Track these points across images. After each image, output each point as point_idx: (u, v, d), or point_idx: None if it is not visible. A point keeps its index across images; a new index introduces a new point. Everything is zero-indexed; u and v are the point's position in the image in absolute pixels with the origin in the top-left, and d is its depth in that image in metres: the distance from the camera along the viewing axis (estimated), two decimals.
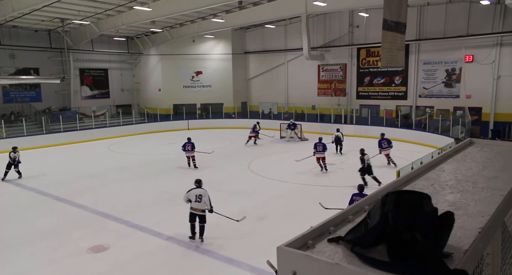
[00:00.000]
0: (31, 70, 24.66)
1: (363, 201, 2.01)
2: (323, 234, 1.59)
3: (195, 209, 8.14)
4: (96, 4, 19.62)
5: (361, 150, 12.53)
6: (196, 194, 8.12)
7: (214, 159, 17.28)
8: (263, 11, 22.35)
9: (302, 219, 9.35)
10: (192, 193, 8.17)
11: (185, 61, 29.14)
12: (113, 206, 10.81)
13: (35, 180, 13.91)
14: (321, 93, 27.10)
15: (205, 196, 8.15)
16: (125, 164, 16.75)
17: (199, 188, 8.25)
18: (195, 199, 8.10)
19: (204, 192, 8.17)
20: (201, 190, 8.20)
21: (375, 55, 23.82)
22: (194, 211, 8.16)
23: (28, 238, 8.72)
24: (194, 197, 8.11)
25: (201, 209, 8.12)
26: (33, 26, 23.54)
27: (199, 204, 8.10)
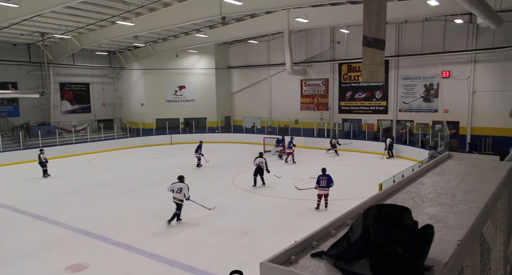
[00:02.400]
0: (9, 84, 24.06)
1: (345, 215, 2.03)
2: (306, 249, 1.59)
3: (176, 198, 10.21)
4: (77, 18, 19.48)
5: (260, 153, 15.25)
6: (178, 187, 10.20)
7: (198, 173, 17.12)
8: (246, 26, 22.67)
9: (286, 234, 9.31)
10: (176, 185, 10.23)
11: (168, 76, 29.09)
12: (93, 223, 10.52)
13: (11, 197, 13.44)
14: (304, 107, 27.40)
15: (185, 188, 10.19)
16: (106, 179, 16.40)
17: (181, 182, 10.29)
18: (177, 190, 10.17)
19: (184, 186, 10.22)
20: (182, 184, 10.25)
21: (356, 71, 24.35)
22: (174, 199, 10.24)
23: (3, 258, 8.36)
24: (176, 189, 10.18)
25: (179, 198, 10.16)
26: (12, 40, 23.13)
27: (179, 194, 10.15)
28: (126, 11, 18.35)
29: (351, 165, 18.68)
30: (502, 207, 2.55)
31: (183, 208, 10.41)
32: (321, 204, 11.32)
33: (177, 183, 10.28)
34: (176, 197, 10.21)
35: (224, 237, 9.31)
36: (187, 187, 10.26)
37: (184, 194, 10.15)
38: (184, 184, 10.29)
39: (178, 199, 10.19)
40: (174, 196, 10.23)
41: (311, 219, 10.49)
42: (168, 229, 10.07)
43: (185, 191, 10.16)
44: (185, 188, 10.20)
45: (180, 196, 10.15)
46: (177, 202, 10.21)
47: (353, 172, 17.18)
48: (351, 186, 14.31)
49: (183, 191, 10.14)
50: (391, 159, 20.17)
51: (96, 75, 29.14)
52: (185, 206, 12.06)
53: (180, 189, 10.14)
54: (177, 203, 10.22)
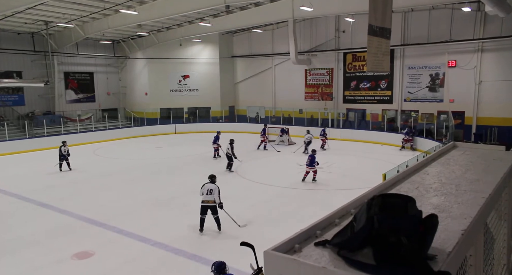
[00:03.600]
0: (14, 73, 24.13)
1: (349, 205, 2.03)
2: (310, 238, 1.60)
3: (206, 201, 8.83)
4: (81, 7, 19.38)
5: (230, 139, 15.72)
6: (208, 188, 8.88)
7: (202, 163, 17.18)
8: (250, 15, 22.43)
9: (289, 222, 9.37)
10: (205, 187, 8.93)
11: (172, 65, 29.00)
12: (98, 211, 10.63)
13: (17, 186, 13.59)
14: (308, 97, 27.28)
15: (215, 190, 8.85)
16: (110, 168, 16.51)
17: (212, 183, 9.01)
18: (207, 192, 8.83)
19: (215, 187, 8.89)
20: (212, 185, 8.93)
21: (361, 60, 24.12)
22: (205, 203, 8.86)
23: (10, 246, 8.50)
24: (206, 191, 8.85)
25: (210, 200, 8.79)
26: (16, 29, 23.09)
27: (209, 196, 8.79)
28: (129, 0, 18.21)
29: (354, 155, 18.66)
30: (507, 197, 2.54)
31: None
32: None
33: (207, 184, 9.01)
34: (206, 199, 8.85)
35: (229, 226, 9.38)
36: (217, 189, 8.91)
37: (215, 196, 8.83)
38: (214, 184, 8.98)
39: (210, 201, 8.84)
40: (203, 199, 8.88)
41: (315, 208, 10.54)
42: (171, 218, 10.16)
43: (216, 194, 8.84)
44: (215, 190, 8.87)
45: (211, 198, 8.82)
46: (210, 204, 8.85)
47: (357, 162, 17.17)
48: (355, 176, 14.32)
49: (214, 193, 8.83)
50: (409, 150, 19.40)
51: (100, 64, 29.10)
52: (190, 194, 12.16)
53: (211, 190, 8.83)
54: (210, 206, 8.86)
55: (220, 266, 5.20)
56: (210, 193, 8.82)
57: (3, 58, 23.54)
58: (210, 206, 8.86)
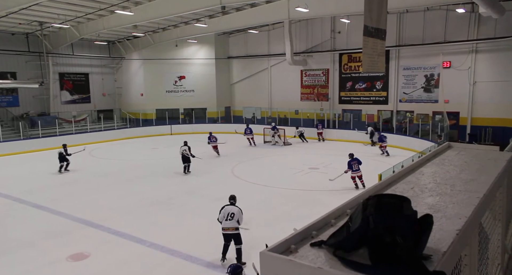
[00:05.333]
0: (8, 74, 23.96)
1: (345, 205, 2.03)
2: (306, 238, 1.60)
3: (227, 228, 7.39)
4: (76, 7, 19.29)
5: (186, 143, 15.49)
6: (229, 212, 7.41)
7: (197, 164, 17.15)
8: (246, 16, 22.45)
9: (285, 223, 9.36)
10: (226, 210, 7.46)
11: (168, 66, 28.94)
12: (93, 212, 10.58)
13: (12, 187, 13.49)
14: (304, 98, 27.33)
15: (238, 214, 7.41)
16: (106, 169, 16.44)
17: (232, 205, 7.55)
18: (227, 217, 7.37)
19: (237, 211, 7.45)
20: (234, 208, 7.48)
21: (357, 61, 24.21)
22: (225, 231, 7.39)
23: (4, 247, 8.43)
24: (226, 215, 7.39)
25: (233, 227, 7.38)
26: (10, 29, 22.92)
27: (230, 222, 7.35)
28: (125, 0, 18.17)
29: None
30: (501, 197, 2.56)
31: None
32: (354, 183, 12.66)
33: (227, 206, 7.52)
34: (226, 226, 7.37)
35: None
36: (240, 212, 7.48)
37: (238, 220, 7.42)
38: (236, 207, 7.52)
39: (229, 228, 7.38)
40: (223, 226, 7.40)
41: (311, 208, 10.55)
42: (168, 218, 10.13)
43: (240, 217, 7.43)
44: (238, 214, 7.42)
45: (231, 224, 7.35)
46: (230, 232, 7.40)
47: None
48: (350, 177, 14.33)
49: (236, 217, 7.38)
50: (374, 146, 20.40)
51: (96, 65, 28.98)
52: (186, 195, 12.14)
53: (232, 214, 7.38)
54: (231, 234, 7.42)
55: (236, 269, 5.03)
56: (231, 218, 7.34)
57: None
58: (233, 234, 7.38)
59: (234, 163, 17.16)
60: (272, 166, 16.98)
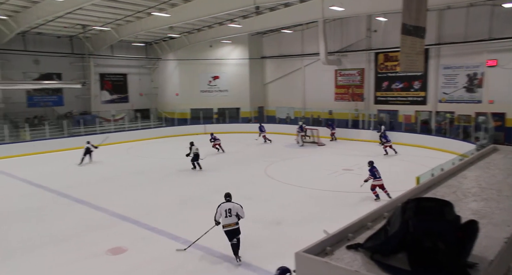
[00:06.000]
0: (54, 75, 25.35)
1: (381, 208, 1.98)
2: (342, 241, 1.57)
3: (227, 225, 7.47)
4: (116, 10, 20.06)
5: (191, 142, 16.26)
6: (225, 208, 7.51)
7: (230, 164, 17.32)
8: (280, 16, 22.40)
9: (318, 224, 9.25)
10: (222, 207, 7.54)
11: (202, 66, 29.43)
12: (131, 208, 10.94)
13: (56, 182, 14.23)
14: (338, 98, 26.90)
15: (237, 209, 7.51)
16: (142, 167, 16.95)
17: (229, 202, 7.64)
18: (225, 214, 7.44)
19: (233, 205, 7.56)
20: (230, 204, 7.59)
21: (394, 60, 23.51)
22: (227, 227, 7.48)
23: (49, 239, 8.90)
24: (224, 212, 7.47)
25: (233, 222, 7.47)
26: (56, 33, 24.23)
27: (230, 218, 7.45)
28: (162, 3, 18.66)
29: (385, 157, 18.21)
30: None
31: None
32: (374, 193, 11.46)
33: (223, 204, 7.59)
34: (226, 223, 7.47)
35: (257, 226, 9.40)
36: (240, 207, 7.59)
37: (239, 215, 7.51)
38: (232, 203, 7.62)
39: (230, 224, 7.47)
40: (224, 223, 7.47)
41: (343, 210, 10.37)
42: (201, 217, 10.26)
43: (240, 211, 7.51)
44: (238, 209, 7.52)
45: (232, 220, 7.45)
46: (232, 228, 7.46)
47: (388, 164, 16.73)
48: (386, 179, 13.93)
49: (235, 212, 7.46)
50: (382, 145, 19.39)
51: (133, 66, 30.00)
52: (218, 193, 12.30)
53: (229, 210, 7.45)
54: (232, 230, 7.47)
55: (285, 273, 5.02)
56: (230, 215, 7.44)
57: (45, 61, 24.76)
58: (235, 229, 7.47)
59: (267, 163, 17.18)
60: (306, 166, 16.85)
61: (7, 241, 8.91)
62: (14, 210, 11.16)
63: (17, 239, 8.96)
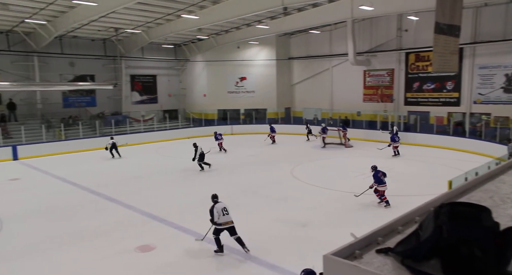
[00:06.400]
0: (88, 77, 26.32)
1: (413, 212, 1.92)
2: (371, 244, 1.54)
3: (226, 223, 7.93)
4: (147, 13, 20.59)
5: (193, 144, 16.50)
6: (221, 207, 8.00)
7: (256, 164, 17.35)
8: (308, 16, 22.25)
9: (344, 227, 9.12)
10: (217, 208, 8.00)
11: (229, 67, 29.69)
12: (159, 207, 11.17)
13: (88, 180, 14.75)
14: (366, 99, 26.41)
15: (228, 208, 8.08)
16: (171, 167, 17.27)
17: (220, 202, 8.16)
18: (223, 212, 7.94)
19: (226, 205, 8.13)
20: (222, 203, 8.13)
21: (425, 60, 22.84)
22: (224, 225, 7.92)
23: (80, 235, 9.22)
24: (222, 211, 7.94)
25: (231, 220, 7.99)
26: (90, 36, 25.15)
27: (228, 216, 7.98)
28: (191, 5, 18.98)
29: (415, 160, 17.71)
30: None
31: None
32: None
33: (217, 205, 8.09)
34: (225, 221, 7.95)
35: (283, 228, 9.37)
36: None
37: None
38: (223, 202, 8.26)
39: (230, 222, 7.99)
40: (223, 221, 7.92)
41: (370, 214, 10.17)
42: None
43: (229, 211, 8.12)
44: (227, 207, 8.16)
45: (230, 218, 8.02)
46: (230, 225, 7.99)
47: (418, 167, 16.28)
48: (416, 182, 13.59)
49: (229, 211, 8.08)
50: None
51: (163, 67, 30.67)
52: (243, 194, 12.34)
53: (225, 208, 8.02)
54: (231, 227, 8.00)
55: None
56: (227, 213, 7.98)
57: (79, 63, 25.74)
58: (230, 227, 7.96)
59: (293, 164, 17.10)
60: (332, 168, 16.64)
61: (40, 236, 9.29)
62: (49, 207, 11.65)
63: (50, 235, 9.32)
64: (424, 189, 12.40)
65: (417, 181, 13.82)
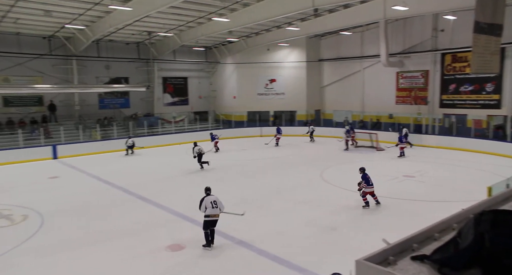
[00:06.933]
0: (122, 79, 27.21)
1: (450, 219, 1.85)
2: (405, 251, 1.49)
3: (214, 215, 8.40)
4: (179, 17, 21.04)
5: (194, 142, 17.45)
6: (210, 200, 8.43)
7: (286, 166, 17.28)
8: (339, 18, 21.96)
9: (376, 232, 8.89)
10: (207, 200, 8.43)
11: (259, 69, 29.78)
12: (189, 207, 11.32)
13: (122, 179, 15.21)
14: (399, 101, 25.71)
15: (218, 201, 8.55)
16: (199, 168, 17.48)
17: (211, 195, 8.59)
18: (212, 205, 8.38)
19: (216, 197, 8.58)
20: (213, 196, 8.57)
21: (463, 61, 21.97)
22: (212, 217, 8.38)
23: (112, 234, 9.50)
24: (210, 204, 8.38)
25: (217, 214, 8.46)
26: (125, 40, 26.01)
27: (216, 209, 8.42)
28: (222, 8, 19.20)
29: (450, 164, 17.04)
30: None
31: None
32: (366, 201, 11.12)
33: (207, 197, 8.51)
34: (213, 213, 8.39)
35: (312, 231, 9.27)
36: (220, 201, 8.64)
37: (220, 208, 8.54)
38: (214, 196, 8.64)
39: (217, 215, 8.44)
40: (209, 213, 8.36)
41: (403, 219, 9.86)
42: (256, 218, 10.38)
43: (220, 204, 8.55)
44: (218, 200, 8.56)
45: (217, 211, 8.43)
46: (216, 218, 8.45)
47: (454, 172, 15.65)
48: (452, 187, 13.07)
49: (218, 205, 8.49)
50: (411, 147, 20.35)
51: (194, 69, 31.22)
52: (273, 195, 12.32)
53: (215, 202, 8.43)
54: (214, 221, 8.46)
55: None
56: (216, 206, 8.39)
57: (115, 66, 26.68)
58: (216, 220, 8.44)
59: (322, 167, 16.90)
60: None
61: (75, 232, 9.66)
62: (85, 204, 12.10)
63: (84, 232, 9.68)
64: (460, 195, 11.93)
65: (452, 186, 13.30)
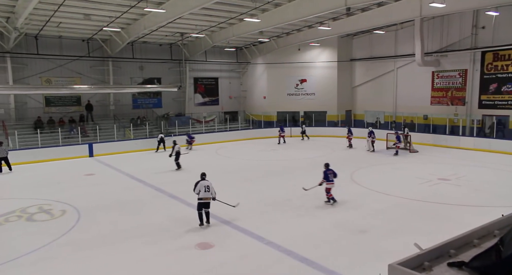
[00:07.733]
0: (155, 80, 27.93)
1: (491, 225, 1.75)
2: (442, 257, 1.42)
3: (205, 198, 9.62)
4: (210, 18, 21.32)
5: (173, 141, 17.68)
6: (204, 185, 9.62)
7: (314, 168, 17.08)
8: (372, 16, 21.48)
9: (407, 236, 8.62)
10: (202, 184, 9.62)
11: (290, 70, 29.67)
12: (218, 207, 11.43)
13: (154, 178, 15.59)
14: (434, 101, 24.83)
15: (211, 186, 9.71)
16: (229, 167, 17.65)
17: (205, 180, 9.75)
18: (204, 189, 9.58)
19: (210, 183, 9.73)
20: (207, 182, 9.72)
21: (505, 59, 20.92)
22: (204, 200, 9.62)
23: (143, 230, 9.71)
24: (203, 188, 9.59)
25: (209, 197, 9.64)
26: (158, 41, 26.67)
27: (208, 193, 9.60)
28: (253, 8, 19.28)
29: (490, 168, 16.25)
30: None
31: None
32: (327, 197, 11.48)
33: (201, 181, 9.72)
34: (205, 196, 9.65)
35: (341, 233, 9.12)
36: (212, 185, 9.81)
37: (211, 192, 9.71)
38: (208, 181, 9.81)
39: (208, 198, 9.69)
40: (201, 196, 9.62)
41: (436, 224, 9.50)
42: (285, 219, 10.34)
43: (212, 189, 9.73)
44: (211, 185, 9.75)
45: (208, 195, 9.67)
46: (207, 201, 9.70)
47: (494, 176, 14.91)
48: (491, 192, 12.47)
49: (211, 189, 9.70)
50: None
51: (224, 70, 31.55)
52: (303, 197, 12.22)
53: (208, 187, 9.66)
54: (206, 202, 9.70)
55: None
56: (208, 190, 9.58)
57: (148, 67, 27.44)
58: (208, 202, 9.65)
59: (353, 168, 16.59)
60: (395, 173, 15.86)
61: (109, 228, 9.97)
62: (118, 201, 12.49)
63: (118, 228, 9.96)
64: (500, 200, 11.37)
65: (491, 190, 12.68)
